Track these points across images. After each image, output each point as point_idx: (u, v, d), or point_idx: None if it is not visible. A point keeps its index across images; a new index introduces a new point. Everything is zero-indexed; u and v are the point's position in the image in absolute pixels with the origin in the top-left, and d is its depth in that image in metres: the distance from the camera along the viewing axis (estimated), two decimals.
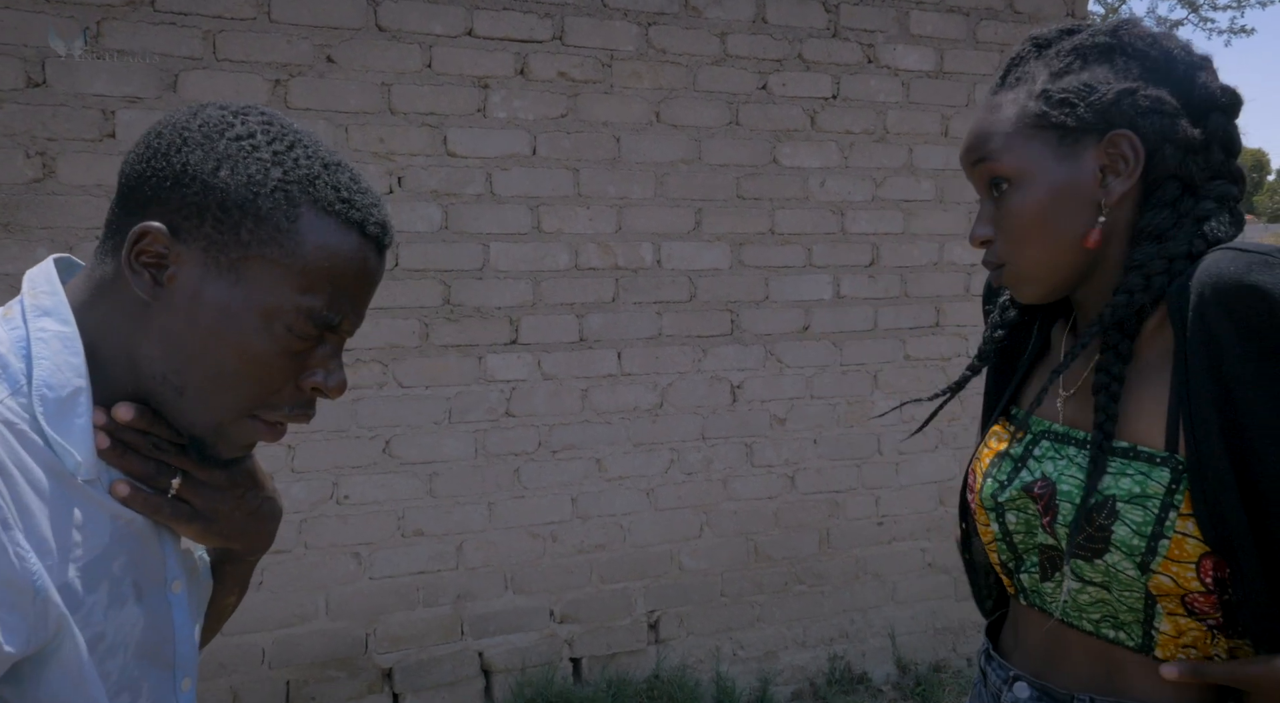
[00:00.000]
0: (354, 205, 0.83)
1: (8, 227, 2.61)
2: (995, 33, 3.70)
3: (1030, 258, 1.07)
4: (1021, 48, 1.12)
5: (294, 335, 0.82)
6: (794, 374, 3.51)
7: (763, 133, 3.42)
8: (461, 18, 3.03)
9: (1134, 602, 1.02)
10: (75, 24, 2.64)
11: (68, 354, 0.80)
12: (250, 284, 0.80)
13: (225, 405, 0.83)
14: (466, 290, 3.08)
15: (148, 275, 0.80)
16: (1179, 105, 1.05)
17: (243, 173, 0.80)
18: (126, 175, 0.83)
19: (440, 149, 3.03)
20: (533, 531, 3.20)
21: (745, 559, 3.49)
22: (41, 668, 0.75)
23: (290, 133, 0.84)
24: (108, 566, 0.81)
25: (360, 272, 0.84)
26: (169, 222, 0.80)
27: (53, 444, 0.78)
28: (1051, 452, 1.11)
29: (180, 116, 0.83)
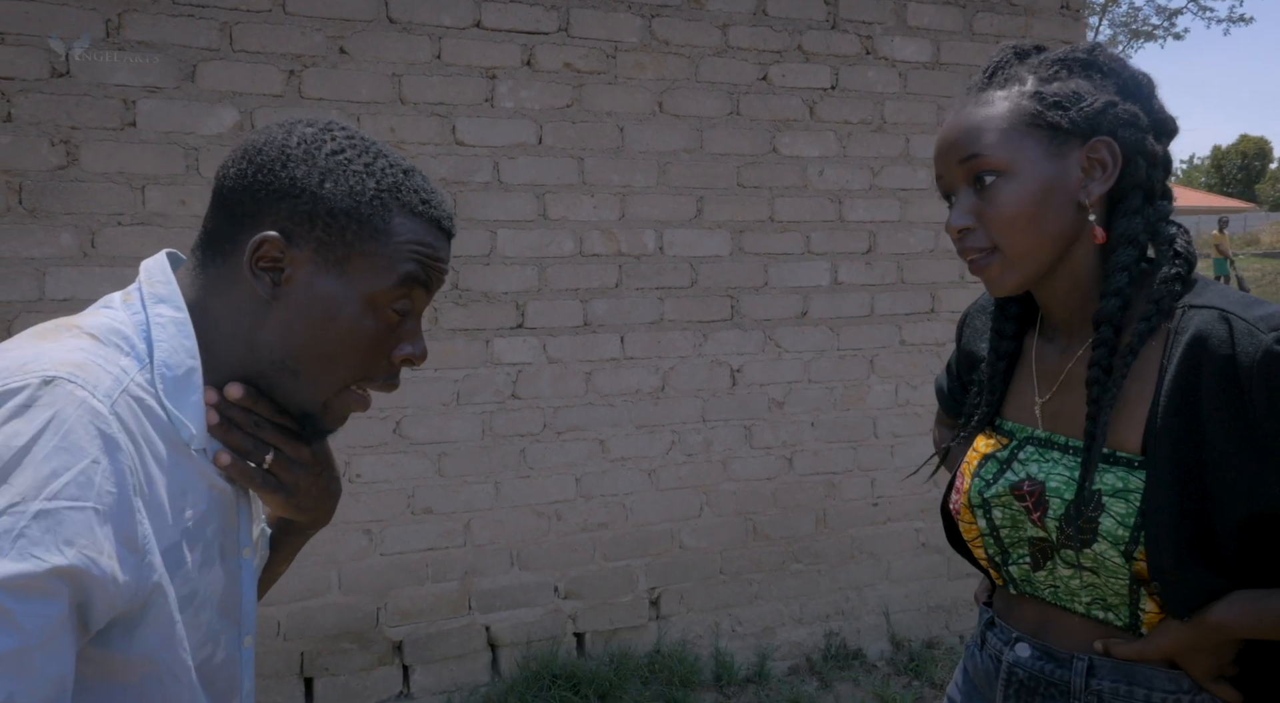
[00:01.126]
0: (432, 205, 0.98)
1: (33, 212, 2.70)
2: (991, 24, 3.78)
3: (1020, 246, 1.13)
4: (1002, 54, 1.19)
5: (391, 317, 0.95)
6: (792, 359, 3.61)
7: (763, 123, 3.50)
8: (470, 10, 3.11)
9: (1120, 587, 1.12)
10: (97, 16, 2.73)
11: (181, 337, 0.91)
12: (356, 278, 0.93)
13: (333, 382, 0.96)
14: (474, 276, 3.17)
15: (268, 278, 0.92)
16: (1148, 122, 1.14)
17: (345, 184, 0.92)
18: (229, 188, 0.94)
19: (449, 138, 3.11)
20: (538, 509, 3.30)
21: (744, 538, 3.59)
22: (136, 627, 0.84)
23: (373, 146, 0.97)
24: (204, 529, 0.92)
25: (439, 259, 0.99)
26: (282, 229, 0.92)
27: (171, 417, 0.89)
28: (1036, 456, 1.20)
29: (276, 135, 0.95)
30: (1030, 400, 1.25)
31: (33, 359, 0.81)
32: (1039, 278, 1.17)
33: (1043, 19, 3.83)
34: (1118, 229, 1.14)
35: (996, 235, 1.13)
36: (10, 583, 0.72)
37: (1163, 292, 1.12)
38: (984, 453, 1.27)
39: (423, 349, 1.00)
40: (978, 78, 1.18)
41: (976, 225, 1.14)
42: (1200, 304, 1.09)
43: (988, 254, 1.15)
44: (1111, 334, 1.13)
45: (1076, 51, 1.16)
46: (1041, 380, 1.24)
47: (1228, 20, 17.58)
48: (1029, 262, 1.14)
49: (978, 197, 1.14)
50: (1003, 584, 1.28)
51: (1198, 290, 1.13)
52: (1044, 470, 1.18)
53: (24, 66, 2.68)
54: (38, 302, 2.71)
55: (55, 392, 0.78)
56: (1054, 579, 1.18)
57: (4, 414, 0.77)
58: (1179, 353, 1.08)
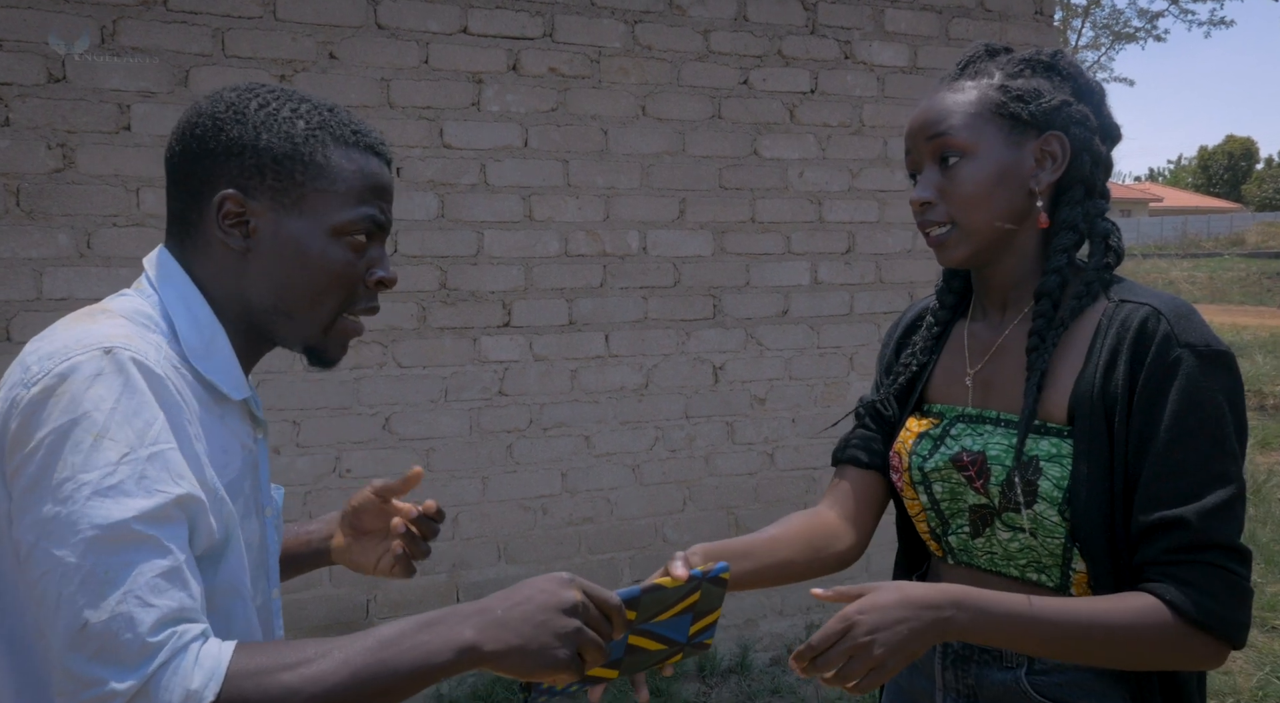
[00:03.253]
0: (363, 133, 1.06)
1: (30, 214, 2.77)
2: (967, 30, 3.87)
3: (975, 221, 1.24)
4: (975, 50, 1.30)
5: (354, 241, 1.04)
6: (773, 356, 3.69)
7: (744, 126, 3.59)
8: (457, 16, 3.19)
9: (1055, 547, 1.21)
10: (93, 23, 2.80)
11: (197, 308, 1.02)
12: (315, 213, 1.02)
13: (325, 313, 1.05)
14: (462, 276, 3.25)
15: (237, 233, 1.01)
16: (1097, 124, 1.25)
17: (279, 131, 1.01)
18: (176, 164, 1.03)
19: (437, 141, 3.19)
20: (524, 504, 3.38)
21: (726, 532, 3.67)
22: (221, 557, 0.95)
23: (295, 93, 1.05)
24: (242, 484, 1.03)
25: (383, 180, 1.08)
26: (237, 186, 1.00)
27: (206, 379, 0.99)
28: (969, 431, 1.30)
29: (205, 107, 1.03)
30: (957, 380, 1.36)
31: (85, 335, 0.90)
32: (986, 254, 1.28)
33: (1017, 24, 3.93)
34: (1060, 216, 1.26)
35: (954, 210, 1.24)
36: (150, 515, 0.85)
37: (1093, 277, 1.24)
38: (917, 433, 1.36)
39: (393, 273, 1.09)
40: (952, 69, 1.30)
41: (937, 200, 1.25)
42: (1136, 300, 1.20)
43: (945, 228, 1.26)
44: (1050, 307, 1.24)
45: (1041, 54, 1.28)
46: (972, 354, 1.35)
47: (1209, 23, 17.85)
48: (979, 237, 1.25)
49: (941, 174, 1.25)
50: (941, 555, 1.37)
51: (1131, 287, 1.24)
52: (979, 442, 1.28)
53: (22, 72, 2.75)
54: (35, 301, 2.78)
55: (119, 358, 0.88)
56: (992, 545, 1.27)
57: (82, 381, 0.87)
58: (1108, 342, 1.18)
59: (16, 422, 0.87)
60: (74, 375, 0.87)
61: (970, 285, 1.40)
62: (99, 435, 0.85)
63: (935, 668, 1.33)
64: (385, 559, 1.28)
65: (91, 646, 0.81)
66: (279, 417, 3.05)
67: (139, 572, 0.83)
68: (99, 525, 0.82)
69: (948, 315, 1.43)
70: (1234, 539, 1.11)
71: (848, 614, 1.05)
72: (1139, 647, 1.10)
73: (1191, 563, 1.10)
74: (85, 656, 0.81)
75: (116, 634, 0.81)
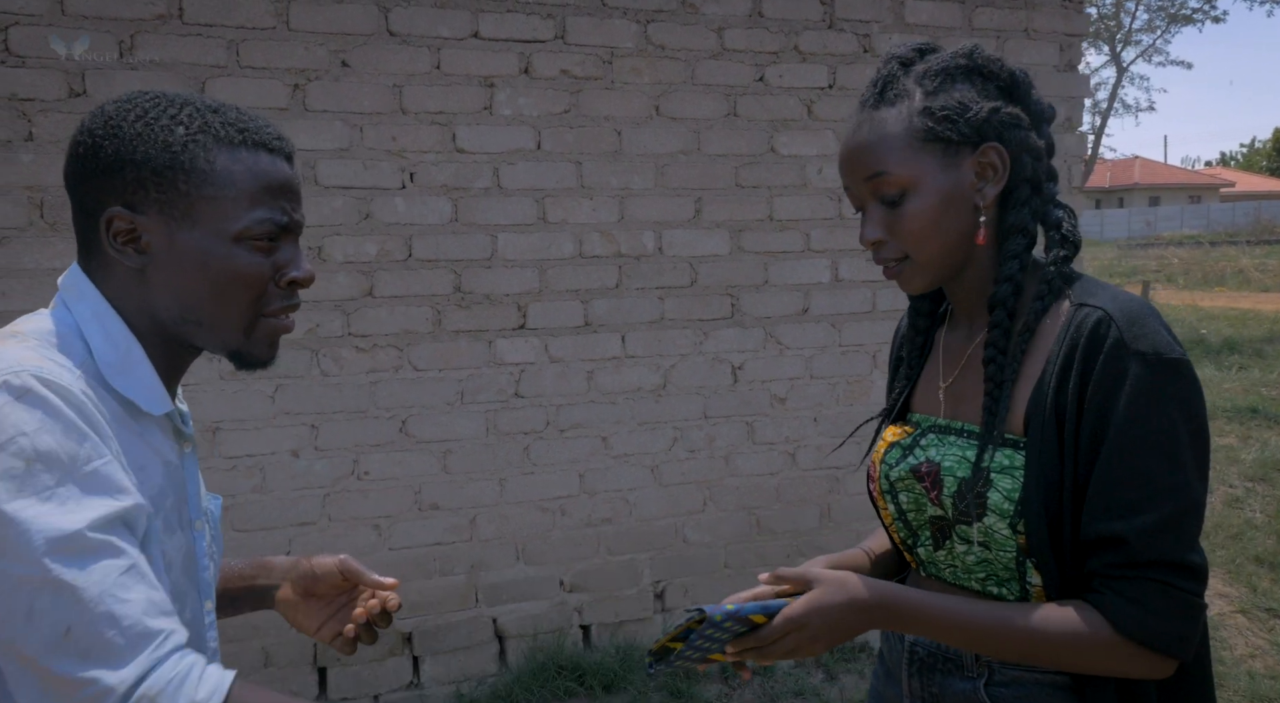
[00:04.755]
0: (250, 131, 1.02)
1: (54, 226, 2.86)
2: (991, 19, 3.79)
3: (927, 253, 1.21)
4: (887, 68, 1.24)
5: (259, 244, 1.01)
6: (794, 355, 3.66)
7: (760, 123, 3.55)
8: (467, 21, 3.21)
9: (1008, 561, 1.19)
10: (111, 38, 2.87)
11: (110, 324, 1.00)
12: (207, 222, 0.99)
13: (237, 318, 1.02)
14: (476, 279, 3.27)
15: (130, 250, 1.00)
16: (1030, 120, 1.21)
17: (156, 142, 0.98)
18: (71, 187, 1.03)
19: (449, 146, 3.22)
20: (542, 505, 3.40)
21: (748, 532, 3.65)
22: None
23: (175, 99, 1.01)
24: (164, 500, 1.02)
25: (280, 177, 1.03)
26: (123, 203, 0.98)
27: (121, 397, 0.99)
28: (936, 441, 1.28)
29: (86, 123, 1.01)
30: (933, 390, 1.33)
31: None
32: (946, 276, 1.25)
33: (1044, 12, 3.83)
34: (1008, 220, 1.22)
35: (907, 246, 1.22)
36: (99, 523, 0.87)
37: (1052, 273, 1.21)
38: (890, 441, 1.35)
39: (307, 270, 1.06)
40: (868, 92, 1.24)
41: (887, 238, 1.22)
42: (1092, 303, 1.15)
43: (899, 263, 1.23)
44: (1005, 317, 1.20)
45: (957, 57, 1.22)
46: (946, 365, 1.33)
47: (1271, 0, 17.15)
48: (936, 265, 1.23)
49: (886, 212, 1.22)
50: (915, 567, 1.34)
51: (1090, 288, 1.19)
52: (941, 453, 1.25)
53: (44, 87, 2.83)
54: None
55: (27, 384, 0.89)
56: (952, 558, 1.25)
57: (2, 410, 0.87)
58: (1064, 349, 1.14)
59: None
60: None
61: (944, 295, 1.37)
62: (30, 461, 0.86)
63: (902, 675, 1.31)
64: (328, 630, 1.26)
65: (78, 648, 0.83)
66: (297, 420, 3.10)
67: (106, 573, 0.85)
68: (54, 538, 0.84)
69: (926, 323, 1.40)
70: (1178, 555, 1.08)
71: (795, 617, 1.12)
72: (1076, 655, 1.11)
73: (1132, 579, 1.09)
74: (74, 659, 0.83)
75: (101, 633, 0.84)
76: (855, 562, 1.41)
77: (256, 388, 3.05)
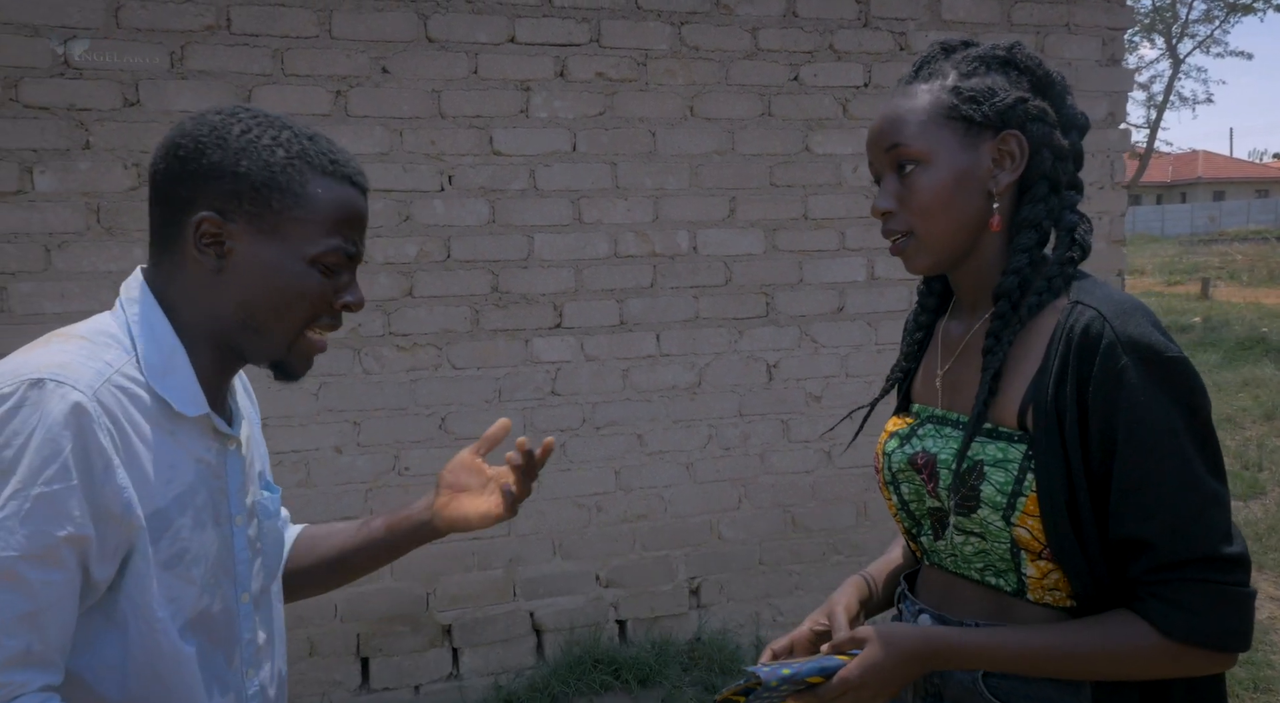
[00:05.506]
0: (340, 164, 1.10)
1: (110, 230, 2.98)
2: (1030, 14, 3.76)
3: (934, 230, 1.23)
4: (930, 50, 1.28)
5: (329, 269, 1.10)
6: (829, 353, 3.66)
7: (795, 122, 3.57)
8: (504, 26, 3.27)
9: (1003, 551, 1.21)
10: (162, 49, 2.98)
11: (159, 327, 1.07)
12: (290, 240, 1.07)
13: (290, 331, 1.11)
14: (513, 279, 3.34)
15: (212, 253, 1.07)
16: (1057, 119, 1.23)
17: (259, 159, 1.05)
18: (159, 182, 1.09)
19: (487, 149, 3.29)
20: (578, 501, 3.45)
21: (783, 530, 3.67)
22: (121, 574, 1.01)
23: (277, 120, 1.09)
24: (192, 498, 1.07)
25: (358, 211, 1.12)
26: (215, 209, 1.06)
27: (159, 397, 1.04)
28: (933, 432, 1.30)
29: (189, 127, 1.07)
30: (931, 380, 1.35)
31: (22, 365, 0.98)
32: (951, 259, 1.26)
33: (1085, 6, 3.78)
34: (1022, 214, 1.23)
35: (914, 220, 1.23)
36: (30, 556, 0.91)
37: (1055, 272, 1.21)
38: (891, 431, 1.37)
39: (360, 298, 1.14)
40: (908, 72, 1.28)
41: (897, 209, 1.24)
42: (1087, 302, 1.17)
43: (905, 237, 1.25)
44: (1008, 308, 1.22)
45: (998, 49, 1.25)
46: (944, 353, 1.34)
47: None
48: (941, 245, 1.24)
49: (900, 183, 1.24)
50: (920, 556, 1.36)
51: (1091, 287, 1.20)
52: (937, 444, 1.27)
53: (101, 97, 2.95)
54: None
55: (41, 391, 0.94)
56: (952, 548, 1.27)
57: (3, 414, 0.94)
58: (1061, 348, 1.16)
59: None
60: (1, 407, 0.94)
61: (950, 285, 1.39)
62: (4, 472, 0.92)
63: None
64: (487, 502, 1.33)
65: None
66: (339, 418, 3.19)
67: (6, 609, 0.90)
68: None
69: (931, 318, 1.42)
70: (1210, 549, 1.08)
71: (852, 679, 1.16)
72: (1133, 666, 1.12)
73: (1171, 581, 1.09)
74: None
75: None
76: (859, 594, 1.43)
77: (301, 386, 3.15)
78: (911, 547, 1.39)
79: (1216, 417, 7.19)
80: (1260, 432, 6.89)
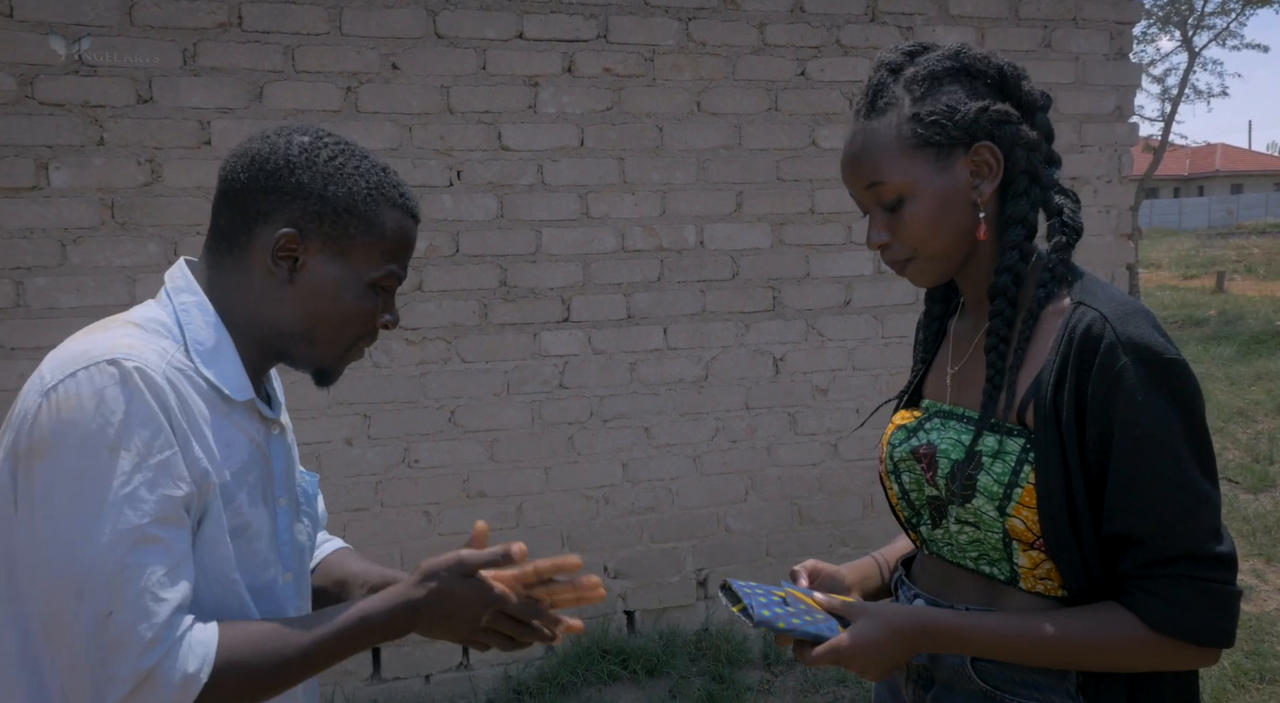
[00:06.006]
0: (407, 198, 1.19)
1: (124, 225, 3.03)
2: (1038, 9, 3.76)
3: (932, 252, 1.26)
4: (877, 75, 1.27)
5: (382, 291, 1.18)
6: (835, 347, 3.68)
7: (802, 117, 3.59)
8: (512, 22, 3.30)
9: (996, 541, 1.23)
10: (175, 46, 3.03)
11: (205, 317, 1.13)
12: (356, 264, 1.15)
13: (340, 344, 1.18)
14: (521, 273, 3.37)
15: (285, 266, 1.13)
16: (1020, 113, 1.24)
17: (344, 186, 1.13)
18: (239, 189, 1.14)
19: (495, 144, 3.32)
20: (586, 493, 3.49)
21: (790, 522, 3.69)
22: (195, 539, 1.07)
23: (357, 150, 1.17)
24: (247, 475, 1.13)
25: (412, 240, 1.22)
26: (295, 226, 1.12)
27: (210, 381, 1.10)
28: (939, 425, 1.33)
29: (276, 142, 1.13)
30: (942, 376, 1.37)
31: (91, 346, 1.03)
32: (956, 268, 1.30)
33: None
34: (1008, 211, 1.26)
35: (911, 247, 1.26)
36: (161, 519, 0.99)
37: (1054, 259, 1.24)
38: (898, 424, 1.39)
39: (397, 316, 1.23)
40: (861, 102, 1.28)
41: (891, 240, 1.27)
42: (1089, 304, 1.19)
43: (907, 262, 1.28)
44: (1006, 306, 1.25)
45: (944, 59, 1.24)
46: (955, 351, 1.37)
47: None
48: (942, 261, 1.27)
49: (888, 216, 1.26)
50: (920, 545, 1.39)
51: (1090, 287, 1.23)
52: (941, 437, 1.30)
53: (114, 94, 3.00)
54: (130, 306, 3.03)
55: (120, 369, 1.00)
56: (949, 537, 1.30)
57: (91, 394, 0.99)
58: (1063, 348, 1.18)
59: (33, 428, 0.99)
60: (82, 388, 0.99)
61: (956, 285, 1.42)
62: (113, 448, 0.98)
63: None
64: None
65: (115, 632, 0.96)
66: (350, 410, 3.23)
67: (152, 570, 0.98)
68: (120, 529, 0.97)
69: (941, 310, 1.45)
70: (1199, 547, 1.11)
71: (841, 651, 1.19)
72: (1119, 656, 1.15)
73: (1159, 577, 1.12)
74: (105, 644, 0.96)
75: (134, 625, 0.96)
76: (867, 571, 1.47)
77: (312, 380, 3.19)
78: (910, 536, 1.42)
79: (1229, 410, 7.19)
80: (1272, 425, 6.87)
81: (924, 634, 1.21)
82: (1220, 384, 8.24)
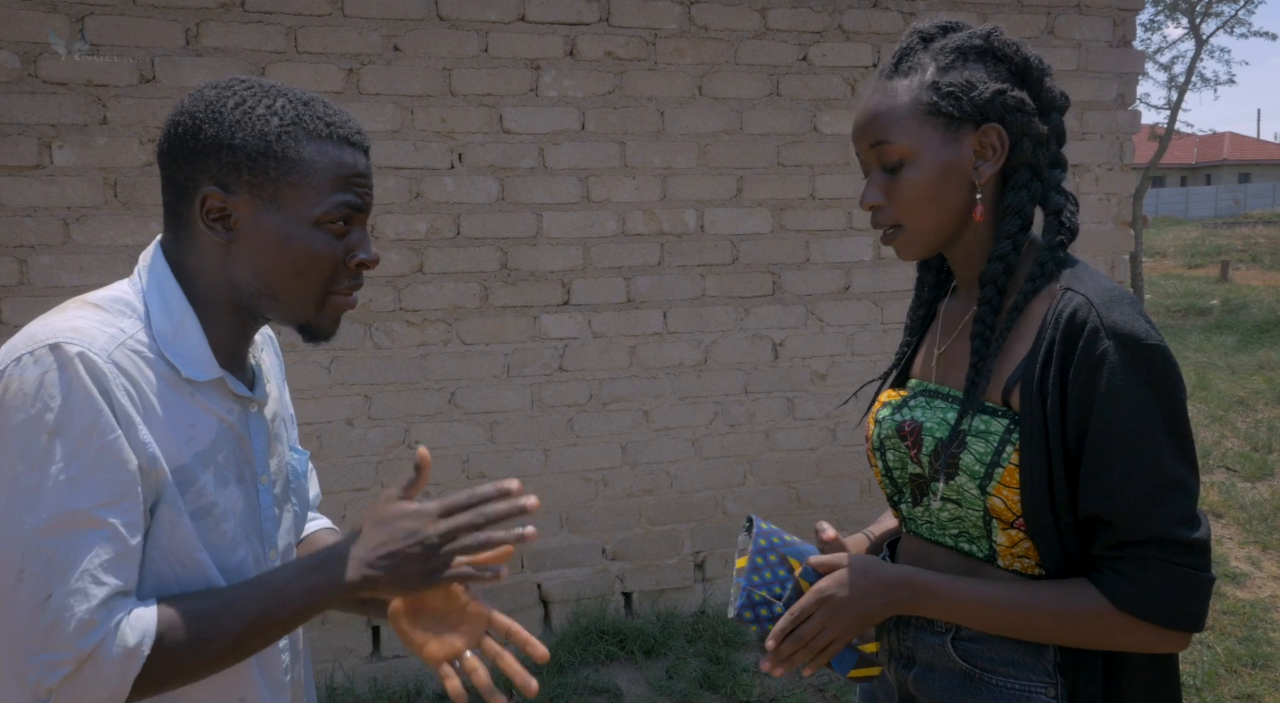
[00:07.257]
0: (337, 125, 1.12)
1: (127, 205, 3.04)
2: None
3: (921, 223, 1.27)
4: (908, 40, 1.29)
5: (335, 228, 1.12)
6: (835, 332, 3.70)
7: (803, 102, 3.59)
8: (514, 4, 3.30)
9: (976, 519, 1.25)
10: (178, 26, 3.03)
11: (170, 295, 1.11)
12: (292, 205, 1.09)
13: (310, 294, 1.13)
14: (522, 256, 3.38)
15: (220, 226, 1.10)
16: (1035, 106, 1.26)
17: (253, 130, 1.07)
18: (165, 162, 1.12)
19: (496, 127, 3.32)
20: (585, 475, 3.51)
21: (787, 506, 3.72)
22: (150, 523, 1.06)
23: (272, 89, 1.11)
24: (214, 455, 1.11)
25: (355, 168, 1.13)
26: (217, 183, 1.08)
27: (171, 362, 1.08)
28: (924, 403, 1.35)
29: (186, 105, 1.09)
30: (930, 356, 1.40)
31: (39, 330, 1.03)
32: (940, 246, 1.31)
33: None
34: (1006, 201, 1.27)
35: (901, 214, 1.28)
36: (107, 503, 0.98)
37: (1046, 257, 1.26)
38: (884, 402, 1.41)
39: (374, 254, 1.16)
40: (886, 62, 1.30)
41: (885, 203, 1.28)
42: (1076, 289, 1.21)
43: (894, 229, 1.30)
44: (994, 293, 1.26)
45: (975, 37, 1.26)
46: (943, 331, 1.39)
47: None
48: (928, 236, 1.29)
49: (887, 178, 1.28)
50: (902, 522, 1.42)
51: (1081, 274, 1.24)
52: (925, 415, 1.32)
53: (117, 74, 3.01)
54: None
55: (60, 354, 1.00)
56: (929, 514, 1.32)
57: (32, 380, 0.99)
58: (1049, 332, 1.20)
59: None
60: (25, 373, 0.99)
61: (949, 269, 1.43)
62: (52, 433, 0.97)
63: (882, 630, 1.39)
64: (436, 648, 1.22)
65: (52, 613, 0.96)
66: (351, 391, 3.26)
67: (94, 553, 0.97)
68: (59, 513, 0.96)
69: (932, 295, 1.46)
70: (1168, 531, 1.12)
71: (822, 589, 1.21)
72: (1085, 631, 1.17)
73: (1127, 557, 1.14)
74: (43, 627, 0.96)
75: (73, 607, 0.96)
76: (858, 545, 1.50)
77: (313, 359, 3.21)
78: (894, 514, 1.44)
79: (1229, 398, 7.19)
80: (1272, 414, 6.87)
81: (903, 585, 1.23)
82: (1222, 373, 8.24)
